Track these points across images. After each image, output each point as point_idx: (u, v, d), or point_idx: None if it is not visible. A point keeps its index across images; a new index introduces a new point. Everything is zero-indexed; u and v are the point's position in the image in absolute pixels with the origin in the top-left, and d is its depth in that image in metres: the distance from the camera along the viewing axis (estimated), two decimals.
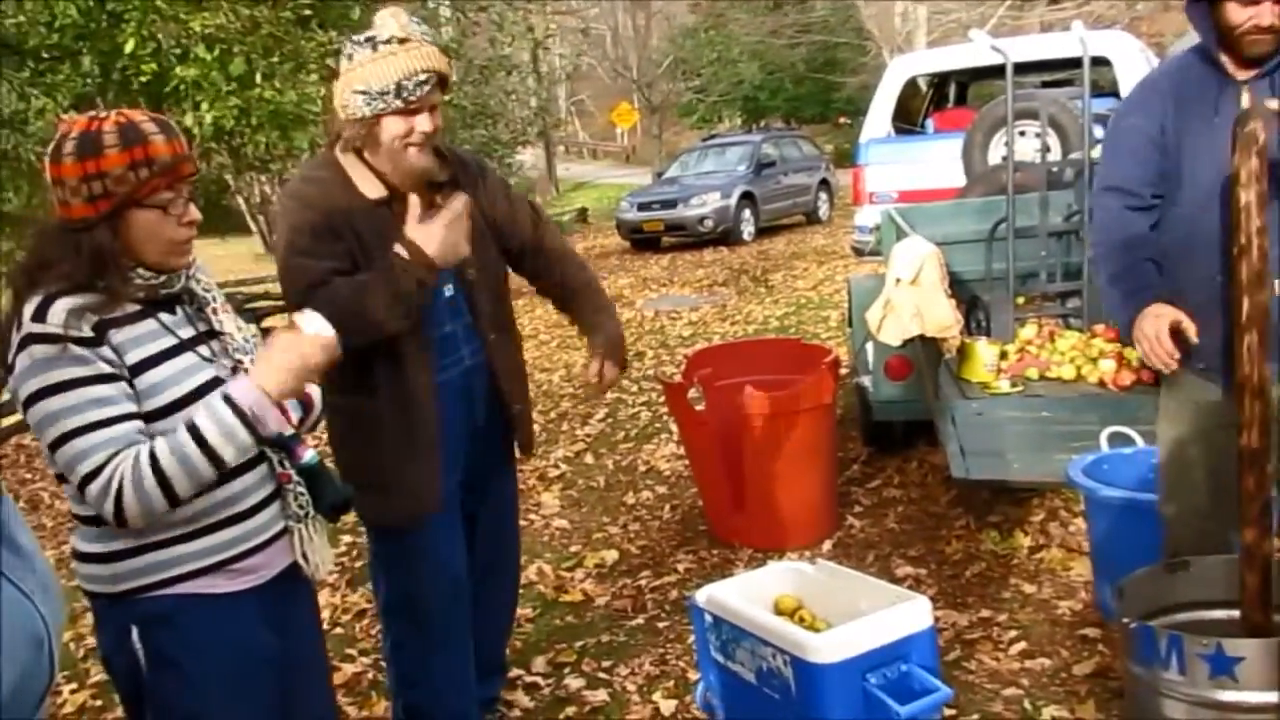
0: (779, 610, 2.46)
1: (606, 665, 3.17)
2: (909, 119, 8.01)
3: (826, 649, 2.09)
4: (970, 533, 3.79)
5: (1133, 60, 6.67)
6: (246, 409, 1.63)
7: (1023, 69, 6.25)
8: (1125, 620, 2.01)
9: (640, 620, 3.45)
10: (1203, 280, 2.19)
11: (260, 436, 1.66)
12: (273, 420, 1.67)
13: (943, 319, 3.62)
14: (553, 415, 6.21)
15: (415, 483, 2.32)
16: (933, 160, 6.70)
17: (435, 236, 2.14)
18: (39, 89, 6.93)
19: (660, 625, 3.39)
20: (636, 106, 28.45)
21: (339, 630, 3.56)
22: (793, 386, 3.92)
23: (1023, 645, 3.00)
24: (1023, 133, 5.04)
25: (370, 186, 2.25)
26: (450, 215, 2.16)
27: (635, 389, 6.65)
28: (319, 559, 1.84)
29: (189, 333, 1.73)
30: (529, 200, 2.64)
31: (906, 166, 7.10)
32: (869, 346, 4.13)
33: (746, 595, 2.45)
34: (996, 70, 6.34)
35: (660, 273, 12.55)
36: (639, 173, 26.06)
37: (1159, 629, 1.94)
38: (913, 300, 3.66)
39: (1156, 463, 2.56)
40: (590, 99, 36.11)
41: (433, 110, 2.21)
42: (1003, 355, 3.89)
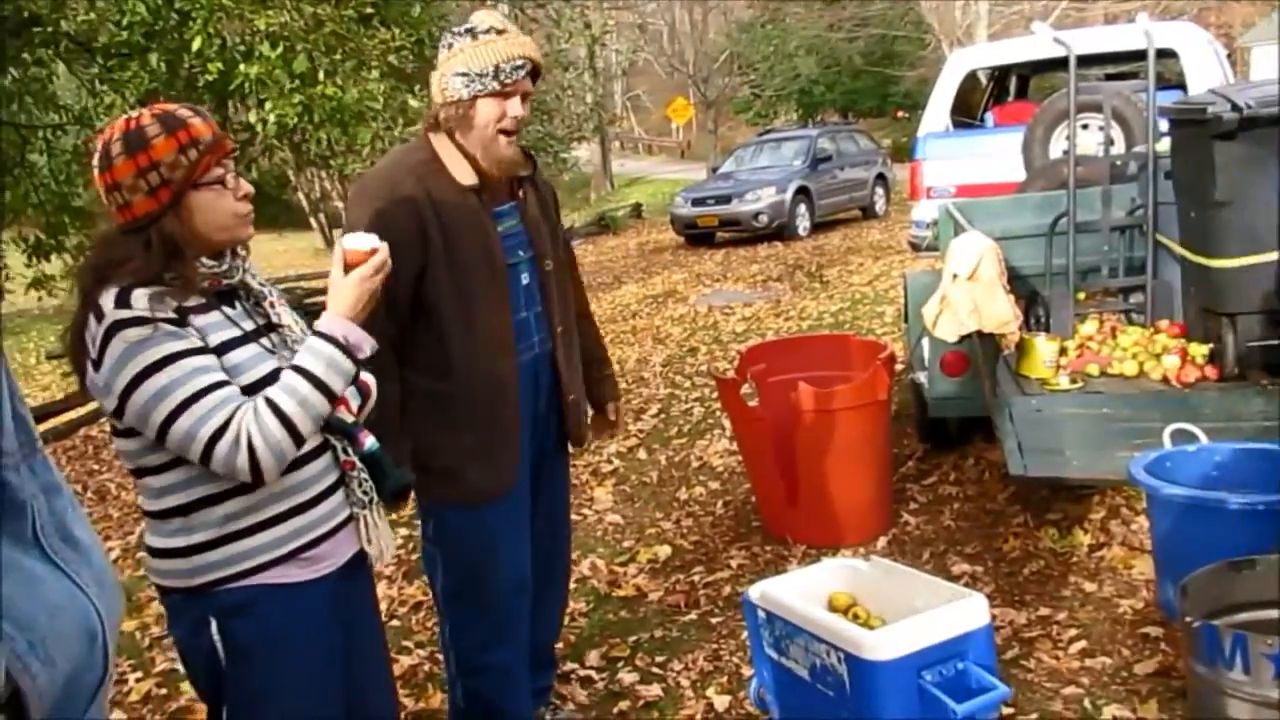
0: (833, 607, 2.46)
1: (660, 660, 3.18)
2: (968, 113, 7.91)
3: (881, 646, 2.09)
4: (1028, 530, 3.74)
5: (1200, 52, 6.52)
6: (340, 337, 1.72)
7: (1086, 62, 6.15)
8: (1188, 619, 1.98)
9: (693, 616, 3.46)
10: None
11: (359, 362, 1.75)
12: (366, 342, 1.75)
13: (1001, 314, 3.57)
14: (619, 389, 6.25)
15: (498, 460, 2.37)
16: (992, 154, 6.63)
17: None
18: (108, 85, 7.13)
19: (713, 621, 3.40)
20: (692, 101, 28.41)
21: (395, 622, 3.61)
22: (847, 382, 3.90)
23: (1083, 644, 2.96)
24: (1085, 126, 4.96)
25: (463, 172, 2.30)
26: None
27: (689, 384, 6.66)
28: (384, 544, 1.89)
29: (250, 325, 1.77)
30: (567, 237, 2.76)
31: (965, 161, 7.02)
32: (925, 342, 4.09)
33: (800, 591, 2.45)
34: (1058, 63, 6.23)
35: (714, 268, 12.53)
36: (694, 168, 26.03)
37: (1223, 628, 1.91)
38: (970, 296, 3.62)
39: None
40: (646, 94, 36.15)
41: (525, 97, 2.30)
42: (1062, 351, 3.83)
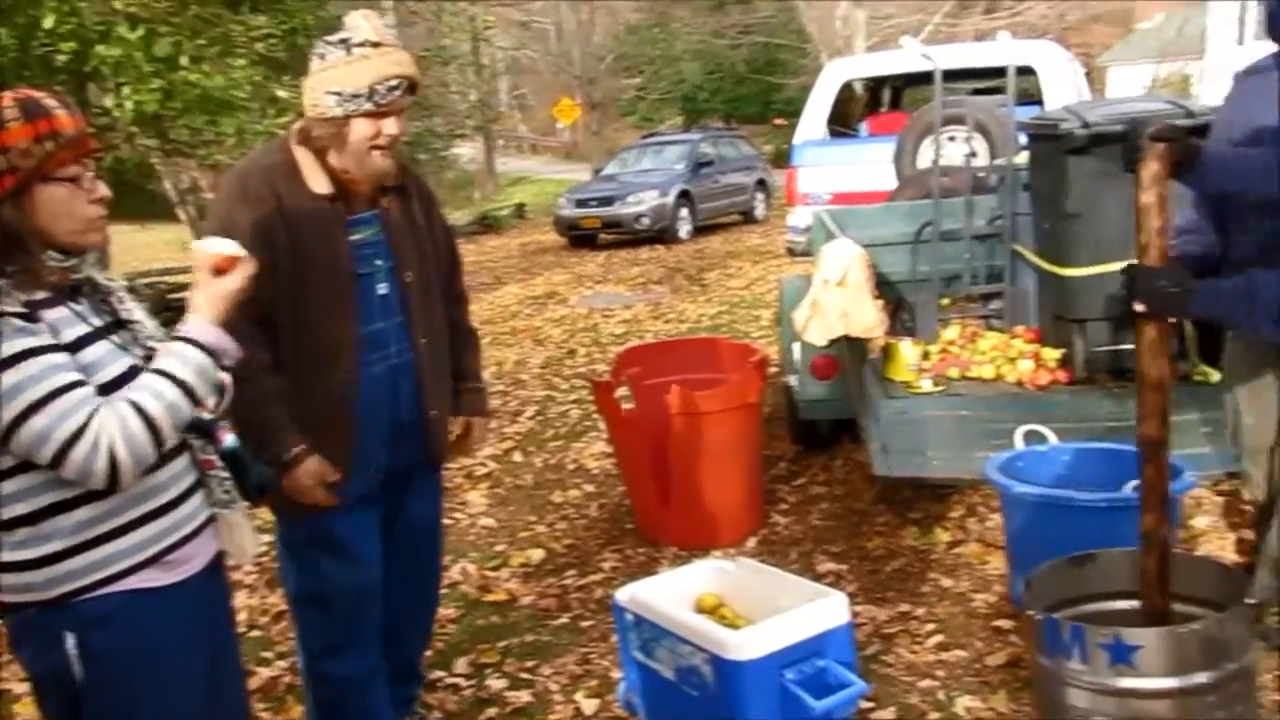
0: (701, 608, 2.48)
1: (530, 665, 3.15)
2: (845, 122, 8.10)
3: (744, 646, 2.11)
4: (892, 529, 3.86)
5: (1058, 70, 6.84)
6: (209, 343, 1.69)
7: (954, 76, 6.37)
8: (1032, 612, 2.06)
9: (565, 620, 3.44)
10: None
11: (224, 368, 1.73)
12: (232, 348, 1.74)
13: (867, 320, 3.66)
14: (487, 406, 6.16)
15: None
16: (866, 163, 6.79)
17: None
18: None
19: (584, 624, 3.38)
20: (578, 102, 28.38)
21: (256, 632, 3.49)
22: (719, 386, 3.94)
23: (940, 638, 3.06)
24: (952, 138, 5.14)
25: (317, 180, 2.27)
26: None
27: (567, 386, 6.63)
28: (245, 544, 1.84)
29: (99, 322, 1.69)
30: (455, 242, 2.70)
31: (840, 169, 7.19)
32: (796, 346, 4.17)
33: (669, 594, 2.46)
34: (929, 76, 6.45)
35: (596, 270, 12.54)
36: (579, 169, 25.99)
37: (1062, 620, 1.99)
38: (839, 301, 3.70)
39: (1226, 398, 2.52)
40: (532, 94, 35.92)
41: (400, 115, 2.27)
42: (926, 355, 3.96)
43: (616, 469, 4.53)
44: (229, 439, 1.76)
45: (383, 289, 2.36)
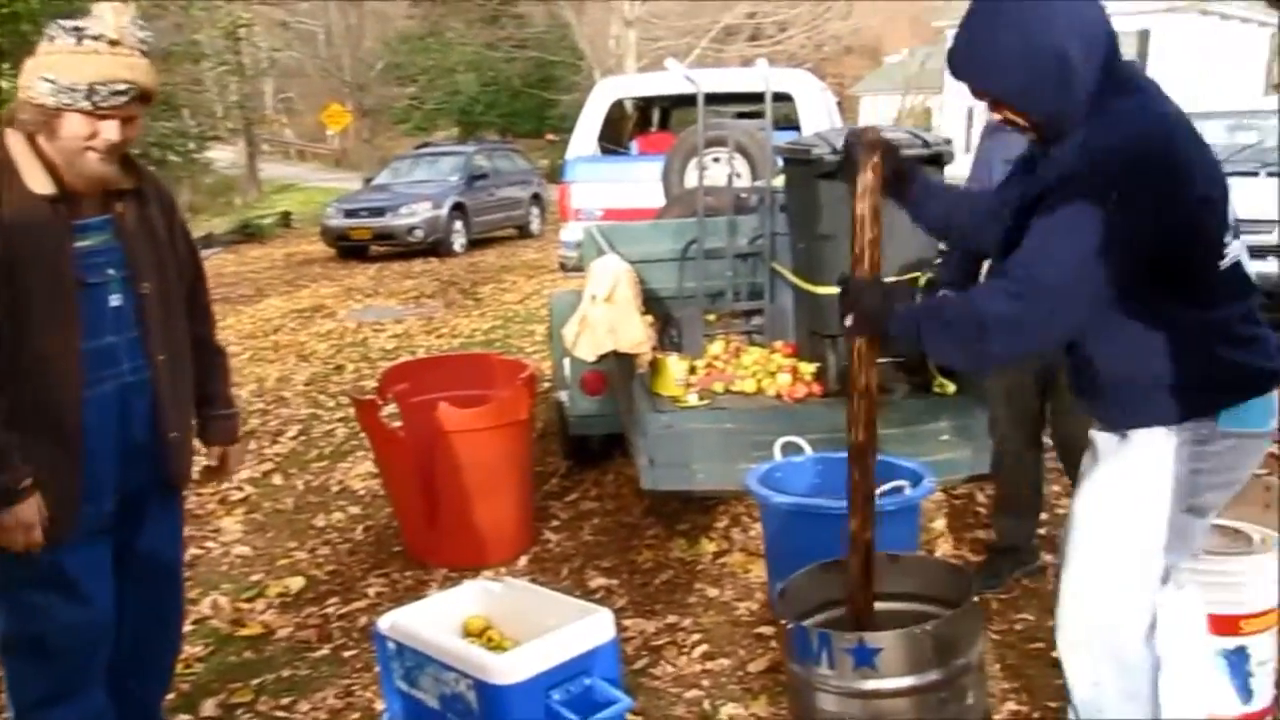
0: (468, 632, 2.42)
1: (286, 702, 2.98)
2: (616, 140, 8.23)
3: (508, 670, 2.07)
4: (661, 542, 3.92)
5: (812, 98, 7.25)
6: None
7: (719, 99, 6.60)
8: (783, 621, 2.13)
9: (326, 651, 3.27)
10: None
11: None
12: None
13: (635, 336, 3.72)
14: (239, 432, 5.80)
15: (55, 501, 2.08)
16: (636, 180, 6.92)
17: None
18: None
19: (347, 655, 3.23)
20: (349, 109, 27.44)
21: None
22: (488, 402, 3.88)
23: (705, 647, 3.13)
24: (717, 159, 5.31)
25: (37, 179, 2.06)
26: None
27: (333, 404, 6.36)
28: None
29: None
30: (198, 252, 2.51)
31: (611, 185, 7.29)
32: (567, 361, 4.18)
33: (434, 619, 2.38)
34: (695, 98, 6.66)
35: (366, 282, 12.13)
36: (349, 178, 25.11)
37: (811, 628, 2.08)
38: (607, 317, 3.74)
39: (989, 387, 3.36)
40: (300, 98, 34.42)
41: (127, 122, 2.08)
42: (692, 370, 4.05)
43: (384, 490, 4.38)
44: None
45: (115, 300, 2.16)
